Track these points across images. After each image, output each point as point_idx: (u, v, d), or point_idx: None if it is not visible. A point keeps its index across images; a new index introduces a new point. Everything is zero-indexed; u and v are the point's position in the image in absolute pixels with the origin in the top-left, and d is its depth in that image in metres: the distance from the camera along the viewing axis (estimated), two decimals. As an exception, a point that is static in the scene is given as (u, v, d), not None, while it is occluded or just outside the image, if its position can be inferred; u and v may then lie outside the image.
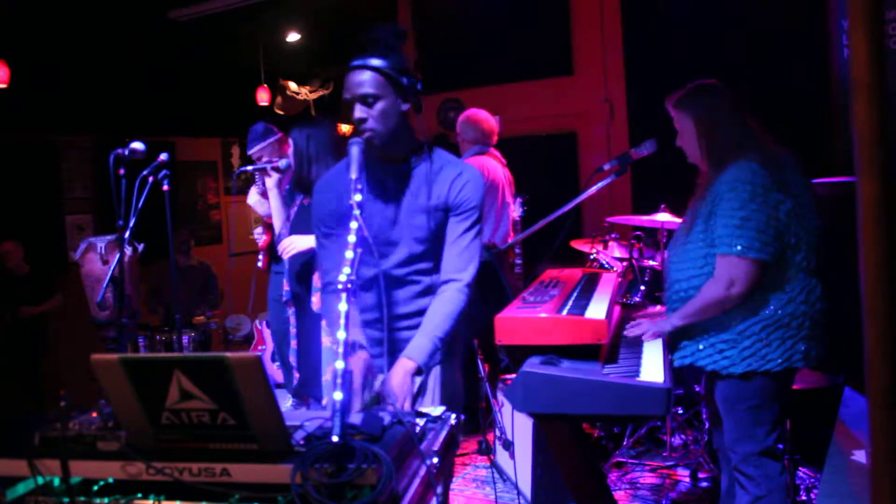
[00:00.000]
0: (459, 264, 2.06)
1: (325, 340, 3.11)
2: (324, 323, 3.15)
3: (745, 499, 2.33)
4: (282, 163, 3.53)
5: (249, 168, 3.72)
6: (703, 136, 2.35)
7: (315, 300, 3.21)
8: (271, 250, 3.98)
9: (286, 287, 3.45)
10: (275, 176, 3.56)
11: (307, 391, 3.46)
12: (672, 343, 2.43)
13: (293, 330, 3.47)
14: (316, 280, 3.22)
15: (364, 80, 1.98)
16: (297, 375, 3.53)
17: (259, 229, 4.12)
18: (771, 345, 2.23)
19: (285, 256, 3.28)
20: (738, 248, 2.16)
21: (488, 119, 4.49)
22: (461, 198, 2.07)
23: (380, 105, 1.98)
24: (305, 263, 3.28)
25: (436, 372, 2.11)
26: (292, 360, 3.56)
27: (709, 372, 2.35)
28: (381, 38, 2.04)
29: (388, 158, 2.09)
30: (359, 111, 1.99)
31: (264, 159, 3.96)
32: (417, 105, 2.07)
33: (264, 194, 3.77)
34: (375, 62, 1.98)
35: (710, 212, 2.26)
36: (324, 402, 3.03)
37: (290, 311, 3.46)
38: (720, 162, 2.29)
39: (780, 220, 2.20)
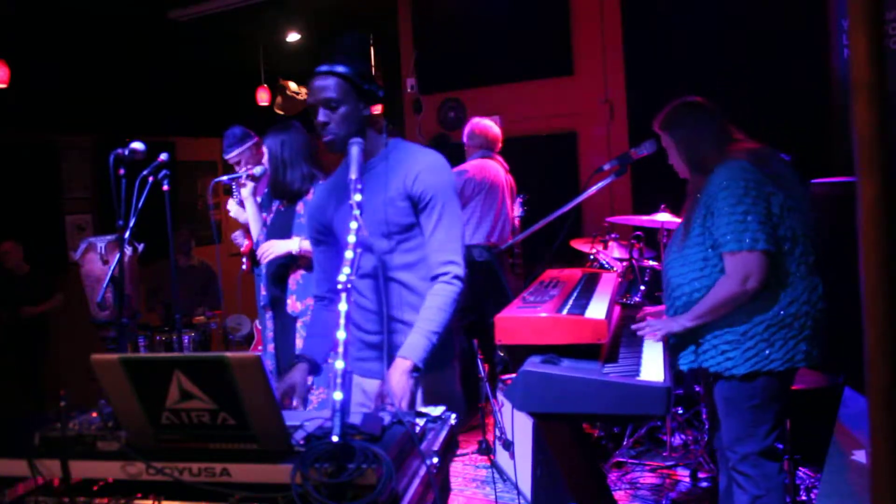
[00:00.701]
0: (442, 257, 2.05)
1: (300, 343, 3.12)
2: (299, 325, 3.17)
3: (744, 498, 2.33)
4: (257, 170, 3.52)
5: (225, 179, 3.71)
6: (683, 152, 2.41)
7: (290, 302, 3.22)
8: (253, 255, 4.06)
9: (263, 292, 3.45)
10: (249, 185, 3.55)
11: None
12: (676, 347, 2.42)
13: (270, 334, 3.46)
14: (291, 283, 3.23)
15: (327, 85, 2.04)
16: None
17: (239, 233, 4.17)
18: (774, 345, 2.23)
19: (264, 261, 3.28)
20: (747, 242, 2.18)
21: (492, 127, 4.71)
22: (418, 188, 2.05)
23: (342, 110, 2.04)
24: (281, 266, 3.29)
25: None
26: (269, 363, 3.54)
27: (711, 373, 2.34)
28: (346, 46, 2.08)
29: None
30: (321, 115, 2.05)
31: (242, 163, 4.02)
32: (418, 105, 2.09)
33: (241, 203, 3.79)
34: (338, 69, 2.05)
35: (705, 214, 2.28)
36: (294, 403, 3.03)
37: (268, 316, 3.46)
38: (705, 168, 2.34)
39: (774, 213, 2.22)
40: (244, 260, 4.16)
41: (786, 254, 2.24)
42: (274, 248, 3.21)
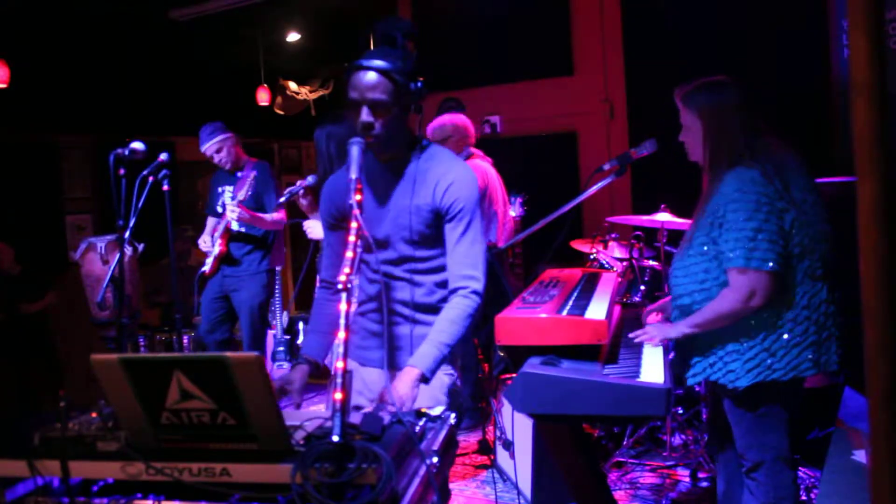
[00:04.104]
0: (462, 271, 2.04)
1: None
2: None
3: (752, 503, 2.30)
4: (309, 180, 3.52)
5: (284, 198, 3.75)
6: (707, 135, 2.26)
7: None
8: (227, 258, 4.36)
9: None
10: (309, 198, 3.54)
11: None
12: (682, 359, 2.40)
13: None
14: None
15: (376, 84, 1.93)
16: None
17: (207, 239, 4.22)
18: (776, 354, 2.16)
19: (309, 236, 3.34)
20: (755, 261, 2.10)
21: (467, 120, 4.45)
22: (447, 200, 2.02)
23: (389, 114, 1.96)
24: None
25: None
26: None
27: (718, 385, 2.29)
28: (392, 36, 2.02)
29: (384, 159, 2.09)
30: (366, 115, 1.95)
31: (224, 153, 4.28)
32: (418, 106, 2.07)
33: (253, 221, 3.85)
34: (388, 66, 1.93)
35: (711, 223, 2.20)
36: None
37: None
38: (720, 165, 2.22)
39: (785, 231, 2.13)
40: (209, 261, 4.22)
41: (792, 268, 2.16)
42: (315, 230, 3.23)
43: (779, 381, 2.16)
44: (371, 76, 1.93)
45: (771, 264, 2.10)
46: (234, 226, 4.31)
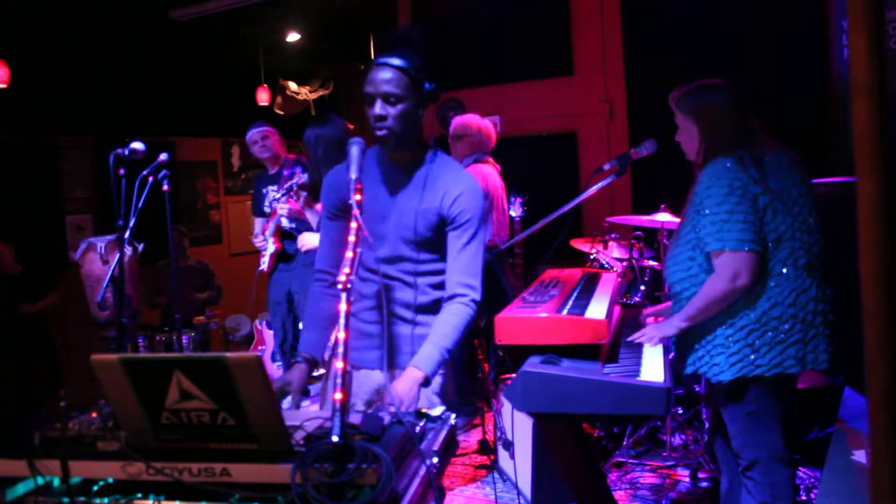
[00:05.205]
0: (464, 279, 2.06)
1: None
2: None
3: (750, 503, 2.31)
4: (304, 177, 3.58)
5: (279, 195, 3.82)
6: (701, 136, 2.32)
7: None
8: (284, 256, 4.49)
9: None
10: (302, 195, 3.59)
11: None
12: (678, 351, 2.41)
13: None
14: None
15: (391, 78, 1.98)
16: None
17: (260, 237, 4.32)
18: (759, 350, 2.17)
19: (303, 251, 3.38)
20: (731, 242, 2.14)
21: (491, 126, 4.50)
22: (455, 210, 2.06)
23: (401, 106, 1.99)
24: None
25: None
26: None
27: (707, 379, 2.32)
28: (410, 38, 2.05)
29: (395, 158, 2.11)
30: (380, 108, 1.99)
31: (267, 142, 4.43)
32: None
33: (300, 214, 3.98)
34: (405, 63, 1.99)
35: (695, 212, 2.24)
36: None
37: None
38: (706, 160, 2.27)
39: (759, 212, 2.17)
40: (265, 260, 4.37)
41: (768, 256, 2.19)
42: (308, 241, 3.27)
43: (762, 376, 2.18)
44: (385, 70, 1.99)
45: (746, 244, 2.14)
46: (285, 223, 4.50)
